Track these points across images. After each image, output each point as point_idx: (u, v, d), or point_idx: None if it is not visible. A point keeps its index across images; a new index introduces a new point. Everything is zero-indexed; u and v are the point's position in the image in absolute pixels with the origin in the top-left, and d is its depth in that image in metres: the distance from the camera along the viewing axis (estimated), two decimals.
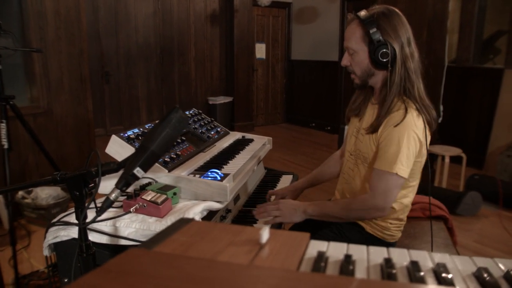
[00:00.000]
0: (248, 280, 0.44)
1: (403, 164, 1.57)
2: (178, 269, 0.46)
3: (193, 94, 7.43)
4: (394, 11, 1.64)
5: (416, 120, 1.58)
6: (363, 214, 1.71)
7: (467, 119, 5.76)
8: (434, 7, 4.53)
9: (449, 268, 0.56)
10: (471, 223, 3.98)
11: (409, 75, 1.61)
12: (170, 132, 1.01)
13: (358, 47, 1.65)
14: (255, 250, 0.57)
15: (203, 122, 2.37)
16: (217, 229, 0.65)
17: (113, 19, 6.34)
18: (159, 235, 0.63)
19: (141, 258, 0.49)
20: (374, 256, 0.59)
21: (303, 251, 0.59)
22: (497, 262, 0.61)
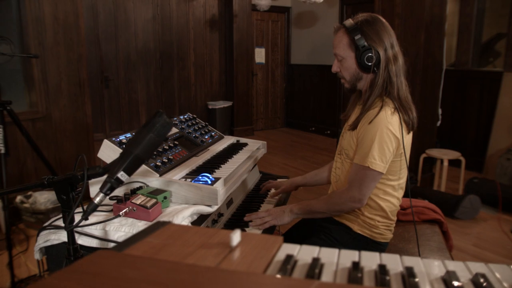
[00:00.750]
0: (206, 283, 0.44)
1: (375, 158, 1.65)
2: (140, 271, 0.46)
3: (193, 99, 7.45)
4: (377, 18, 1.74)
5: (389, 117, 1.66)
6: (341, 207, 1.80)
7: (466, 122, 5.75)
8: (431, 10, 4.54)
9: (417, 271, 0.56)
10: (470, 226, 3.97)
11: (390, 77, 1.71)
12: (153, 136, 1.02)
13: (346, 53, 1.75)
14: (224, 253, 0.58)
15: (197, 127, 2.37)
16: (191, 232, 0.66)
17: (113, 24, 6.37)
18: (133, 237, 0.63)
19: (106, 259, 0.50)
20: (344, 260, 0.60)
21: (273, 254, 0.60)
22: (468, 266, 0.61)
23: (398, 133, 1.67)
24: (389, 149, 1.66)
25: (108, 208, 1.54)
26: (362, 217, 1.84)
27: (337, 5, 7.42)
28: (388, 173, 1.77)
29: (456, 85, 5.79)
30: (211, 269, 0.49)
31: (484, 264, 0.65)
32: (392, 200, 1.84)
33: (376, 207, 1.82)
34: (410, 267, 0.56)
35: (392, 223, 1.90)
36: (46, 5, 3.93)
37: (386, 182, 1.80)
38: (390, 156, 1.69)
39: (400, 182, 1.84)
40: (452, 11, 5.87)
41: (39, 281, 0.43)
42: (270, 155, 6.44)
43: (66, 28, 4.10)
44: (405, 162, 1.78)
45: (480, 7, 5.81)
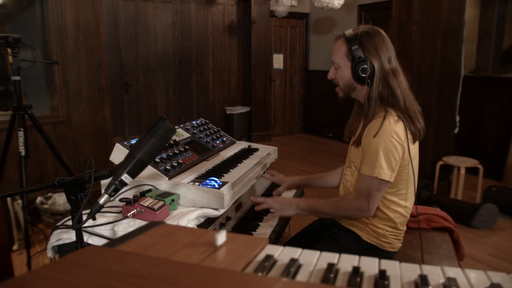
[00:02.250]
0: (183, 277, 0.48)
1: (382, 168, 1.66)
2: (124, 265, 0.50)
3: (211, 104, 7.52)
4: (378, 31, 1.76)
5: (393, 125, 1.66)
6: (349, 213, 1.81)
7: (486, 130, 5.67)
8: (449, 17, 4.51)
9: (391, 274, 0.59)
10: (487, 236, 3.92)
11: (393, 91, 1.71)
12: (156, 141, 1.06)
13: (342, 62, 1.79)
14: (209, 251, 0.61)
15: (209, 132, 2.42)
16: (181, 232, 0.70)
17: (133, 30, 6.50)
18: (126, 235, 0.68)
19: (95, 254, 0.54)
20: (322, 262, 0.63)
21: (256, 254, 0.63)
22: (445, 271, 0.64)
23: (403, 141, 1.67)
24: (395, 157, 1.67)
25: (117, 210, 1.60)
26: (371, 226, 1.84)
27: (355, 11, 7.42)
28: (396, 183, 1.77)
29: (475, 92, 5.72)
30: (190, 265, 0.53)
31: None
32: (401, 210, 1.83)
33: (385, 218, 1.82)
34: (384, 270, 0.58)
35: (401, 232, 1.90)
36: (68, 13, 4.05)
37: (396, 192, 1.80)
38: (397, 164, 1.69)
39: (409, 191, 1.83)
40: (472, 17, 5.81)
41: (29, 272, 0.47)
42: (286, 161, 6.46)
43: (87, 35, 4.22)
44: (413, 170, 1.78)
45: (500, 13, 5.74)
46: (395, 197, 1.81)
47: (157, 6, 6.66)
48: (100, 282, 0.45)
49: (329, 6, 5.99)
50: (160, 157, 1.83)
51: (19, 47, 2.89)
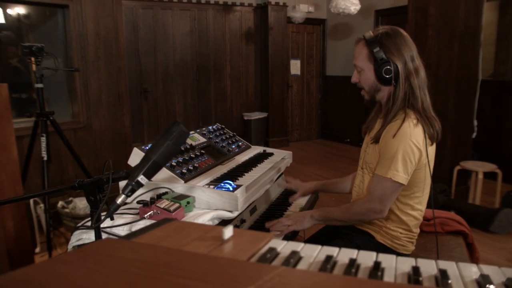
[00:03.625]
0: (190, 264, 0.52)
1: (398, 170, 1.66)
2: (137, 253, 0.55)
3: (229, 110, 7.60)
4: (398, 31, 1.75)
5: (412, 128, 1.67)
6: (362, 217, 1.82)
7: (505, 134, 5.61)
8: (466, 21, 4.50)
9: (386, 266, 0.63)
10: (505, 241, 3.87)
11: (413, 90, 1.71)
12: (171, 144, 1.12)
13: (365, 65, 1.78)
14: (216, 244, 0.66)
15: (225, 137, 2.48)
16: (192, 227, 0.75)
17: (152, 38, 6.63)
18: (141, 230, 0.73)
19: (111, 244, 0.59)
20: (322, 255, 0.67)
21: (260, 247, 0.68)
22: (439, 264, 0.67)
23: (421, 145, 1.68)
24: (411, 161, 1.67)
25: (135, 211, 1.66)
26: (384, 228, 1.86)
27: (372, 16, 7.43)
28: (413, 185, 1.77)
29: (494, 96, 5.66)
30: (197, 254, 0.58)
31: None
32: (415, 213, 1.85)
33: (398, 221, 1.84)
34: (379, 262, 0.62)
35: (414, 235, 1.91)
36: (89, 23, 4.18)
37: (411, 194, 1.81)
38: (412, 168, 1.69)
39: (424, 193, 1.84)
40: (491, 20, 5.77)
41: (50, 258, 0.52)
42: (303, 166, 6.49)
43: (106, 43, 4.33)
44: (429, 173, 1.79)
45: None
46: (410, 200, 1.82)
47: (176, 13, 6.79)
48: (114, 267, 0.50)
49: (346, 12, 6.03)
50: (176, 161, 1.89)
51: (42, 55, 3.00)
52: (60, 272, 0.49)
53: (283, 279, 0.48)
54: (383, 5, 7.23)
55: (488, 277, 0.59)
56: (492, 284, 0.57)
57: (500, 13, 5.81)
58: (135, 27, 6.45)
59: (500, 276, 0.61)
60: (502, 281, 0.59)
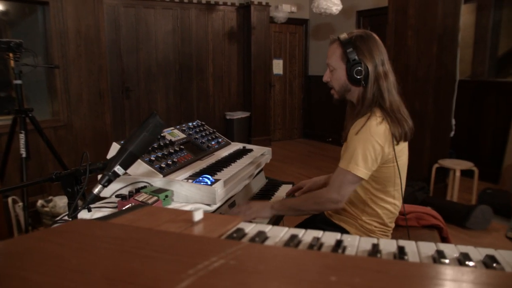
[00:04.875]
0: (157, 240, 0.55)
1: (358, 164, 1.72)
2: (107, 231, 0.57)
3: (211, 109, 7.61)
4: (371, 35, 1.82)
5: (375, 126, 1.72)
6: (319, 206, 1.86)
7: (482, 133, 5.74)
8: (444, 21, 4.59)
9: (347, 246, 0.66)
10: (480, 237, 3.96)
11: (382, 93, 1.77)
12: (147, 135, 1.14)
13: (337, 64, 1.84)
14: (186, 226, 0.68)
15: (205, 133, 2.50)
16: (164, 212, 0.77)
17: (134, 37, 6.61)
18: (113, 214, 0.75)
19: (83, 224, 0.61)
20: (287, 235, 0.70)
21: (229, 228, 0.70)
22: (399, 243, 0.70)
23: (383, 142, 1.72)
24: (372, 157, 1.72)
25: (114, 205, 1.67)
26: (359, 221, 1.91)
27: (354, 16, 7.52)
28: (383, 180, 1.83)
29: (471, 96, 5.79)
30: (165, 232, 0.60)
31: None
32: (389, 207, 1.89)
33: (373, 214, 1.88)
34: (341, 240, 0.65)
35: (389, 229, 1.96)
36: (69, 20, 4.15)
37: (383, 189, 1.86)
38: (374, 164, 1.74)
39: (396, 188, 1.89)
40: (468, 23, 5.89)
41: (29, 233, 0.54)
42: (286, 165, 6.53)
43: (87, 41, 4.31)
44: (398, 170, 1.84)
45: (496, 19, 5.82)
46: (382, 194, 1.87)
47: (158, 12, 6.77)
48: (84, 242, 0.52)
49: (327, 12, 6.08)
50: (156, 156, 1.91)
51: (20, 52, 2.98)
52: (32, 246, 0.51)
53: (246, 251, 0.51)
54: (364, 6, 7.32)
55: (442, 252, 0.62)
56: (446, 259, 0.60)
57: (477, 15, 5.93)
58: (117, 26, 6.42)
59: (454, 252, 0.65)
60: (455, 256, 0.63)
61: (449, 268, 0.50)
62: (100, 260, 0.45)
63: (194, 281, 0.41)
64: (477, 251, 0.66)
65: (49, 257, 0.47)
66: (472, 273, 0.49)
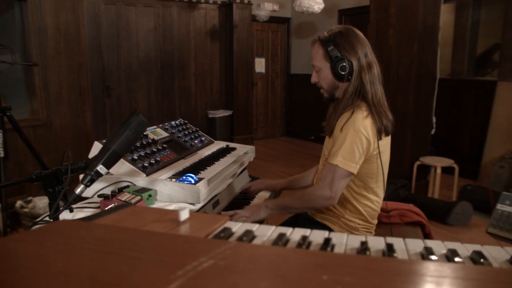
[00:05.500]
0: (143, 240, 0.53)
1: (344, 158, 1.72)
2: (92, 232, 0.56)
3: (193, 108, 7.57)
4: (351, 29, 1.83)
5: (362, 119, 1.73)
6: (313, 204, 1.86)
7: (462, 131, 5.83)
8: (424, 21, 4.64)
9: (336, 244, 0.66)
10: (461, 232, 4.03)
11: (364, 85, 1.78)
12: (130, 133, 1.12)
13: (322, 64, 1.85)
14: (173, 225, 0.67)
15: (188, 132, 2.48)
16: (149, 212, 0.75)
17: (115, 34, 6.53)
18: (98, 214, 0.73)
19: (67, 225, 0.59)
20: (275, 233, 0.69)
21: (216, 228, 0.69)
22: (387, 240, 0.70)
23: (370, 136, 1.73)
24: (358, 150, 1.73)
25: (96, 205, 1.64)
26: (342, 219, 1.91)
27: (336, 15, 7.55)
28: (365, 176, 1.84)
29: (451, 94, 5.87)
30: (151, 232, 0.59)
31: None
32: (371, 204, 1.90)
33: (356, 211, 1.89)
34: (329, 238, 0.65)
35: (372, 226, 1.97)
36: (48, 16, 4.07)
37: (365, 185, 1.87)
38: (360, 156, 1.75)
39: (378, 184, 1.90)
40: (448, 22, 5.98)
41: (14, 234, 0.53)
42: (268, 163, 6.54)
43: (67, 38, 4.23)
44: (381, 166, 1.85)
45: (474, 19, 5.91)
46: (364, 190, 1.88)
47: (139, 10, 6.70)
48: (68, 243, 0.50)
49: (310, 11, 6.10)
50: (138, 155, 1.88)
51: None
52: (13, 249, 0.49)
53: (235, 251, 0.50)
54: (346, 4, 7.36)
55: (430, 249, 0.62)
56: (434, 255, 0.60)
57: (456, 15, 6.01)
58: (97, 23, 6.33)
59: (441, 248, 0.65)
60: (443, 253, 0.63)
61: (438, 264, 0.50)
62: (86, 262, 0.44)
63: (183, 283, 0.40)
64: (464, 247, 0.67)
65: (32, 260, 0.46)
66: (461, 269, 0.49)
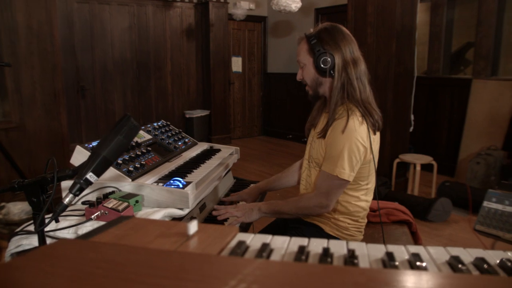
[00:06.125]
0: (160, 262, 0.48)
1: (344, 168, 1.70)
2: (99, 253, 0.50)
3: (170, 108, 7.46)
4: (337, 26, 1.82)
5: (358, 126, 1.70)
6: (309, 211, 1.85)
7: (438, 128, 5.91)
8: (402, 20, 4.67)
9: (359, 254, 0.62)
10: (442, 228, 4.07)
11: (351, 81, 1.75)
12: (121, 138, 1.05)
13: (306, 59, 1.84)
14: (181, 240, 0.62)
15: (171, 133, 2.41)
16: (152, 224, 0.70)
17: (89, 34, 6.37)
18: (97, 229, 0.67)
19: (69, 245, 0.53)
20: (293, 245, 0.65)
21: (228, 241, 0.64)
22: (408, 248, 0.67)
23: (366, 142, 1.72)
24: (356, 158, 1.72)
25: (80, 213, 1.57)
26: (333, 219, 1.89)
27: (313, 14, 7.56)
28: (358, 179, 1.82)
29: (428, 92, 5.94)
30: (166, 251, 0.53)
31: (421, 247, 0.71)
32: (362, 204, 1.89)
33: (346, 212, 1.87)
34: (352, 249, 0.61)
35: (362, 225, 1.96)
36: (19, 15, 3.92)
37: (357, 187, 1.86)
38: (358, 164, 1.74)
39: (369, 186, 1.90)
40: (423, 21, 6.05)
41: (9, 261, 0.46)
42: (246, 163, 6.49)
43: (40, 37, 4.09)
44: (374, 167, 1.84)
45: (449, 18, 6.00)
46: (356, 192, 1.86)
47: (113, 9, 6.56)
48: (77, 268, 0.44)
49: (287, 10, 6.08)
50: (123, 159, 1.81)
51: None
52: (13, 279, 0.43)
53: (264, 271, 0.45)
54: (323, 3, 7.37)
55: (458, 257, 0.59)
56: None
57: (432, 13, 6.09)
58: (70, 22, 6.16)
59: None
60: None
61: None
62: None
63: None
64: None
65: None
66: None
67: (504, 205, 1.94)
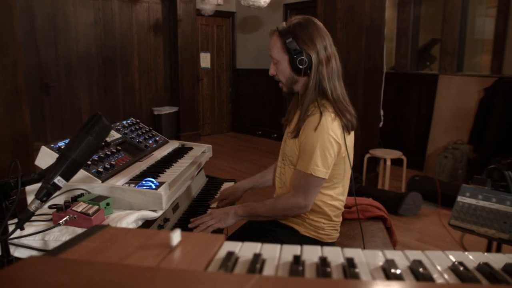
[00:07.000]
0: (145, 282, 0.43)
1: (318, 165, 1.66)
2: (74, 275, 0.44)
3: (138, 105, 7.31)
4: (311, 20, 1.75)
5: (330, 122, 1.67)
6: (286, 212, 1.80)
7: (407, 123, 5.99)
8: (371, 15, 4.70)
9: (357, 262, 0.58)
10: (413, 222, 4.13)
11: (321, 80, 1.71)
12: (92, 139, 0.98)
13: (280, 56, 1.76)
14: (164, 253, 0.56)
15: (141, 132, 2.33)
16: (130, 234, 0.64)
17: (52, 28, 6.13)
18: (68, 242, 0.61)
19: (38, 265, 0.47)
20: (286, 255, 0.60)
21: (215, 252, 0.59)
22: (406, 254, 0.63)
23: (339, 138, 1.69)
24: (330, 155, 1.68)
25: (47, 218, 1.48)
26: (308, 220, 1.85)
27: (281, 9, 7.53)
28: (333, 177, 1.78)
29: (396, 87, 6.02)
30: (149, 269, 0.48)
31: (421, 252, 0.68)
32: (336, 203, 1.86)
33: (320, 212, 1.83)
34: (351, 258, 0.57)
35: (337, 223, 1.93)
36: None
37: (331, 186, 1.82)
38: (332, 161, 1.70)
39: (343, 184, 1.87)
40: (391, 17, 6.12)
41: None
42: (217, 160, 6.42)
43: None
44: (349, 164, 1.81)
45: (415, 14, 6.09)
46: (330, 191, 1.82)
47: (77, 2, 6.34)
48: None
49: (256, 5, 6.02)
50: (91, 159, 1.73)
51: None
52: None
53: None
54: None
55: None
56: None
57: (399, 9, 6.17)
58: (31, 16, 5.91)
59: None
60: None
61: None
62: None
63: None
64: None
65: None
66: None
67: (477, 199, 1.95)
